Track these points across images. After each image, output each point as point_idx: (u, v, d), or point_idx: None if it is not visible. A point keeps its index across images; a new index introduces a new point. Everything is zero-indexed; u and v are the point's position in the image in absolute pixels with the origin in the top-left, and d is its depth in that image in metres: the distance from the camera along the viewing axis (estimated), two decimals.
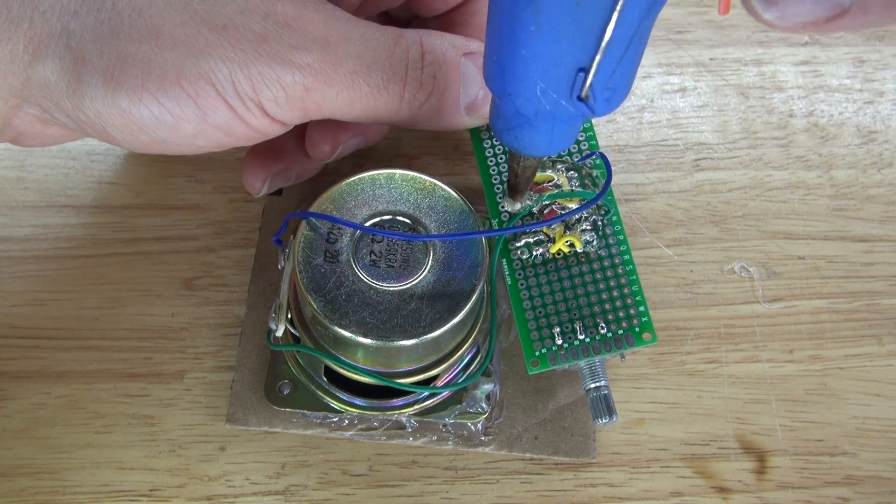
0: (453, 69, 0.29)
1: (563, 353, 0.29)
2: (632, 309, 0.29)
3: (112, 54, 0.25)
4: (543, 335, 0.29)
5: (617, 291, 0.30)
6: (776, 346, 0.33)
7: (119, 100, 0.25)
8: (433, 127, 0.30)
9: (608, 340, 0.29)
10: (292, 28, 0.26)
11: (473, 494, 0.30)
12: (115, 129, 0.26)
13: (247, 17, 0.26)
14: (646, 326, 0.29)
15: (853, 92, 0.39)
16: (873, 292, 0.34)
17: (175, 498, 0.30)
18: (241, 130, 0.27)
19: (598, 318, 0.29)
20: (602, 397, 0.29)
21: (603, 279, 0.30)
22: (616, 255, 0.30)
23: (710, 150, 0.37)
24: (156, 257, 0.34)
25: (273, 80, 0.26)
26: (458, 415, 0.31)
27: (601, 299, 0.30)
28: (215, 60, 0.25)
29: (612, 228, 0.30)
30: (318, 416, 0.31)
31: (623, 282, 0.30)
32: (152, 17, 0.25)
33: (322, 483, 0.30)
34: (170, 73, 0.25)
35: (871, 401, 0.32)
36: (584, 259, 0.30)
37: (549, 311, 0.30)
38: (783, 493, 0.30)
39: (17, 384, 0.32)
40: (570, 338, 0.29)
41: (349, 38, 0.27)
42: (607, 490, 0.30)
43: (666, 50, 0.40)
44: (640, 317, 0.29)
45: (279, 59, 0.26)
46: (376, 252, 0.29)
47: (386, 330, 0.27)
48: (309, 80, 0.26)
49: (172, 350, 0.33)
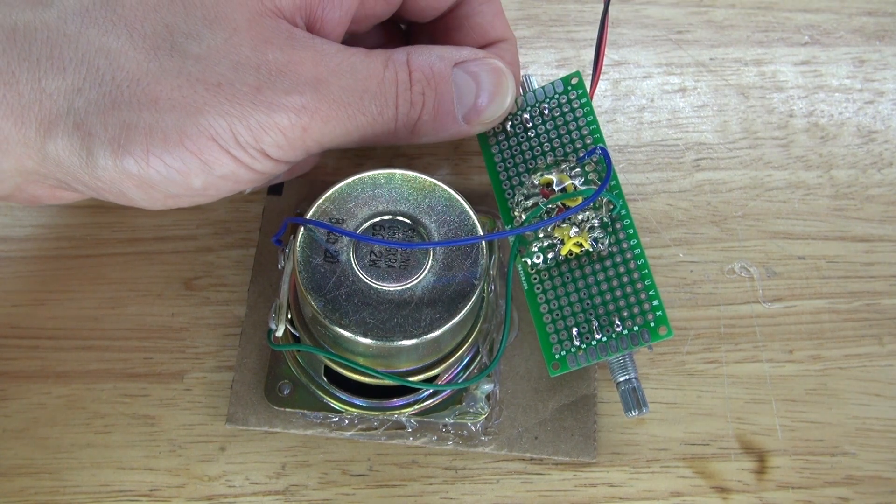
0: (443, 82, 0.29)
1: (582, 354, 0.29)
2: (646, 304, 0.29)
3: (116, 125, 0.26)
4: (562, 337, 0.30)
5: (630, 287, 0.29)
6: (776, 346, 0.33)
7: (128, 166, 0.26)
8: (436, 139, 0.31)
9: (624, 338, 0.29)
10: (284, 73, 0.27)
11: (473, 494, 0.30)
12: (130, 190, 0.27)
13: (240, 71, 0.27)
14: (661, 321, 0.29)
15: (853, 92, 0.39)
16: (873, 292, 0.34)
17: (175, 498, 0.30)
18: (247, 176, 0.28)
19: (613, 317, 0.29)
20: (631, 390, 0.29)
21: (616, 276, 0.30)
22: (627, 250, 0.30)
23: (710, 150, 0.37)
24: (156, 257, 0.34)
25: (271, 126, 0.27)
26: (458, 415, 0.31)
27: (615, 297, 0.29)
28: (214, 117, 0.26)
29: (622, 223, 0.30)
30: (318, 416, 0.31)
31: (635, 277, 0.29)
32: (149, 85, 0.26)
33: (322, 483, 0.30)
34: (172, 135, 0.26)
35: (871, 401, 0.32)
36: (596, 258, 0.30)
37: (565, 314, 0.30)
38: (783, 493, 0.30)
39: (17, 384, 0.32)
40: (588, 338, 0.29)
41: (339, 72, 0.28)
42: (607, 490, 0.30)
43: (666, 50, 0.40)
44: (654, 311, 0.29)
45: (274, 107, 0.27)
46: (376, 252, 0.29)
47: (386, 330, 0.27)
48: (305, 120, 0.27)
49: (172, 350, 0.33)
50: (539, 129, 0.32)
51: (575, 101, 0.32)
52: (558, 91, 0.32)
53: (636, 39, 0.40)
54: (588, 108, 0.32)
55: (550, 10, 0.41)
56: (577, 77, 0.32)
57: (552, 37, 0.40)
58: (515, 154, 0.32)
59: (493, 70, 0.30)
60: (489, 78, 0.30)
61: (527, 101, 0.32)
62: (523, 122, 0.32)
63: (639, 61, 0.39)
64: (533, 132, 0.32)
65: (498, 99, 0.30)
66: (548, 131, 0.32)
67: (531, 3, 0.41)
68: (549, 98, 0.32)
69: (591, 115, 0.32)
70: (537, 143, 0.32)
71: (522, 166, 0.32)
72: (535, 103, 0.32)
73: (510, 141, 0.32)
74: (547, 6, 0.41)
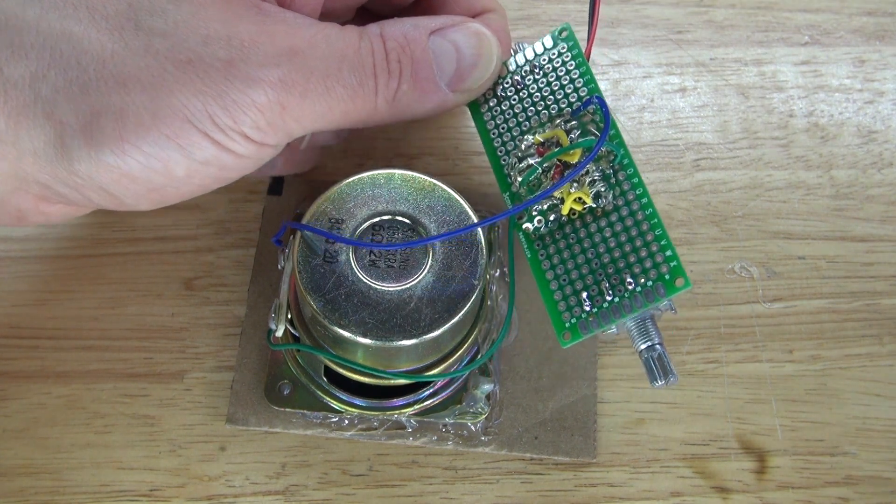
0: (419, 48, 0.28)
1: (594, 320, 0.27)
2: (658, 256, 0.26)
3: (86, 112, 0.25)
4: (571, 304, 0.27)
5: (640, 240, 0.27)
6: (776, 346, 0.33)
7: (104, 156, 0.25)
8: (423, 112, 0.29)
9: (638, 296, 0.26)
10: (256, 46, 0.26)
11: (473, 494, 0.30)
12: (111, 186, 0.26)
13: (210, 46, 0.26)
14: (676, 272, 0.26)
15: (853, 92, 0.39)
16: (873, 292, 0.34)
17: (175, 498, 0.30)
18: (231, 162, 0.27)
19: (624, 274, 0.27)
20: (656, 357, 0.26)
21: (623, 230, 0.27)
22: (633, 200, 0.27)
23: (710, 150, 0.37)
24: (156, 257, 0.34)
25: (248, 105, 0.26)
26: (458, 415, 0.31)
27: (625, 252, 0.27)
28: (186, 96, 0.25)
29: (626, 173, 0.28)
30: (318, 416, 0.31)
31: (644, 228, 0.27)
32: (116, 67, 0.25)
33: (322, 483, 0.30)
34: (145, 118, 0.25)
35: (871, 401, 0.32)
36: (601, 213, 0.28)
37: (572, 277, 0.28)
38: (783, 493, 0.30)
39: (17, 384, 0.32)
40: (599, 301, 0.27)
41: (314, 43, 0.27)
42: (607, 490, 0.30)
43: (666, 50, 0.40)
44: (668, 262, 0.26)
45: (249, 82, 0.26)
46: (376, 252, 0.29)
47: (385, 330, 0.27)
48: (283, 95, 0.26)
49: (172, 350, 0.33)
50: (531, 89, 0.30)
51: (566, 55, 0.30)
52: (548, 47, 0.30)
53: (636, 39, 0.40)
54: (580, 60, 0.30)
55: (550, 10, 0.41)
56: (567, 29, 0.30)
57: None
58: (508, 118, 0.30)
59: (473, 34, 0.29)
60: (469, 42, 0.29)
61: (516, 63, 0.31)
62: (514, 84, 0.30)
63: (639, 61, 0.39)
64: (525, 92, 0.30)
65: (482, 63, 0.29)
66: (540, 89, 0.30)
67: (531, 3, 0.41)
68: (538, 56, 0.30)
69: (584, 65, 0.30)
70: (530, 104, 0.30)
71: (517, 130, 0.30)
72: (525, 63, 0.31)
73: (502, 105, 0.30)
74: (547, 6, 0.41)
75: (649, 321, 0.27)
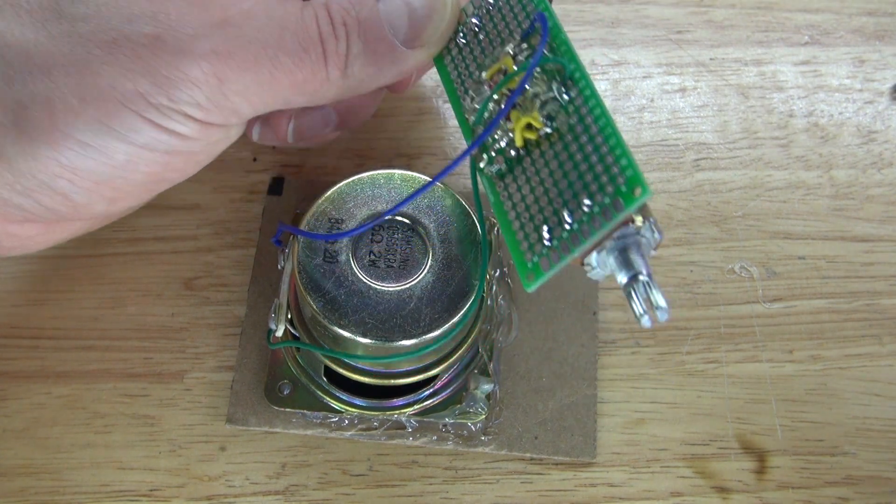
0: (365, 8, 0.27)
1: (555, 253, 0.24)
2: (614, 168, 0.23)
3: (13, 106, 0.24)
4: (532, 241, 0.25)
5: (596, 156, 0.24)
6: (776, 346, 0.33)
7: (39, 149, 0.24)
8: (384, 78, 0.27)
9: (596, 216, 0.23)
10: (186, 18, 0.25)
11: (473, 494, 0.30)
12: (56, 183, 0.25)
13: (135, 23, 0.25)
14: (633, 181, 0.23)
15: (853, 92, 0.39)
16: (873, 292, 0.34)
17: (175, 498, 0.30)
18: (178, 145, 0.26)
19: (581, 196, 0.23)
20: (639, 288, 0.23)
21: (579, 149, 0.24)
22: (586, 115, 0.24)
23: (710, 150, 0.37)
24: (156, 257, 0.34)
25: (182, 80, 0.24)
26: (458, 415, 0.31)
27: (581, 173, 0.24)
28: (114, 76, 0.24)
29: (578, 87, 0.25)
30: (318, 416, 0.31)
31: (598, 141, 0.24)
32: (41, 56, 0.24)
33: (322, 483, 0.30)
34: (73, 104, 0.24)
35: (871, 401, 0.32)
36: (557, 137, 0.25)
37: (532, 213, 0.25)
38: (783, 493, 0.30)
39: (17, 384, 0.32)
40: (558, 232, 0.24)
41: (251, 14, 0.25)
42: (607, 490, 0.30)
43: (666, 50, 0.40)
44: (623, 172, 0.23)
45: (180, 55, 0.24)
46: (375, 252, 0.29)
47: (385, 330, 0.27)
48: (219, 67, 0.24)
49: (172, 350, 0.33)
50: (488, 28, 0.28)
51: None
52: None
53: (636, 39, 0.40)
54: None
55: None
56: None
57: None
58: (470, 64, 0.28)
59: None
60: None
61: (472, 5, 0.28)
62: (472, 28, 0.28)
63: (639, 61, 0.39)
64: (483, 34, 0.28)
65: (436, 13, 0.27)
66: (496, 25, 0.28)
67: None
68: None
69: None
70: (488, 44, 0.28)
71: (478, 75, 0.28)
72: (482, 3, 0.28)
73: (463, 53, 0.28)
74: None
75: (633, 251, 0.24)
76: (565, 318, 0.33)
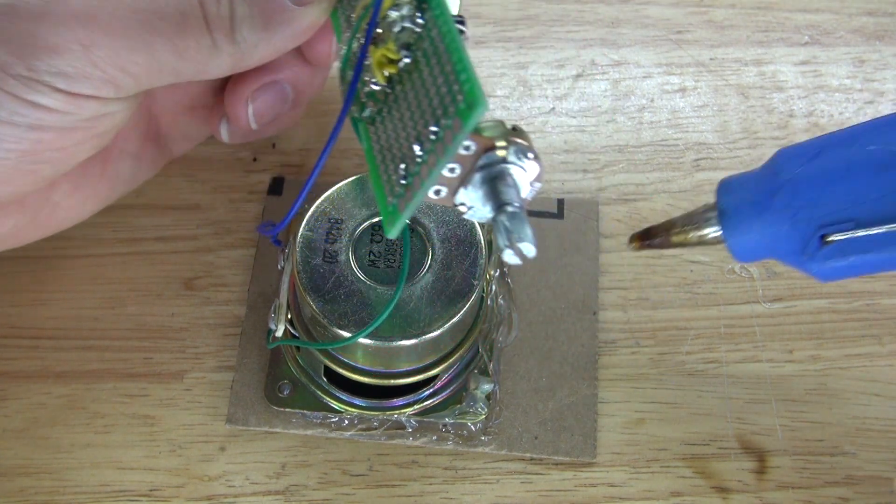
0: None
1: (410, 190, 0.22)
2: (454, 86, 0.21)
3: None
4: (393, 182, 0.23)
5: (442, 78, 0.22)
6: (776, 346, 0.33)
7: None
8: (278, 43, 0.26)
9: (440, 142, 0.21)
10: None
11: (473, 494, 0.30)
12: None
13: None
14: (470, 95, 0.21)
15: (853, 92, 0.39)
16: (873, 292, 0.34)
17: (175, 498, 0.30)
18: (47, 118, 0.24)
19: (430, 123, 0.22)
20: (505, 218, 0.21)
21: (430, 74, 0.22)
22: (436, 36, 0.23)
23: (711, 150, 0.37)
24: (156, 257, 0.34)
25: (41, 48, 0.23)
26: (458, 415, 0.31)
27: (431, 99, 0.22)
28: None
29: (432, 10, 0.23)
30: (318, 416, 0.31)
31: (444, 61, 0.22)
32: None
33: (322, 483, 0.30)
34: None
35: (871, 401, 0.32)
36: (414, 66, 0.23)
37: (394, 153, 0.23)
38: (783, 493, 0.30)
39: (17, 384, 0.32)
40: (413, 166, 0.22)
41: None
42: (607, 490, 0.30)
43: (666, 50, 0.40)
44: (462, 88, 0.21)
45: (35, 21, 0.23)
46: (375, 252, 0.29)
47: (385, 330, 0.27)
48: (80, 33, 0.23)
49: (172, 350, 0.33)
50: None
51: None
52: None
53: (636, 39, 0.40)
54: None
55: (550, 10, 0.41)
56: None
57: (552, 37, 0.40)
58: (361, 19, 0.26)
59: None
60: None
61: None
62: None
63: (639, 61, 0.39)
64: None
65: None
66: None
67: (531, 3, 0.41)
68: None
69: None
70: None
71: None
72: None
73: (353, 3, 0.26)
74: (547, 6, 0.41)
75: (502, 181, 0.22)
76: (565, 318, 0.33)
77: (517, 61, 0.39)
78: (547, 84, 0.39)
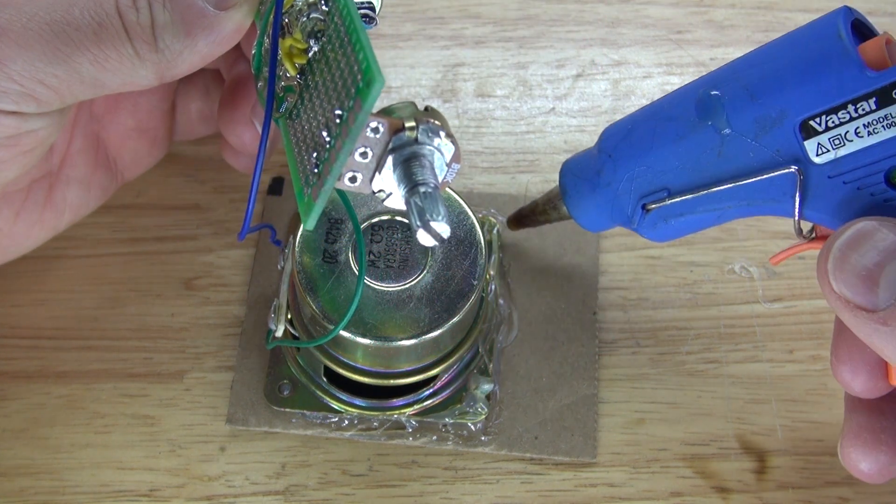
0: None
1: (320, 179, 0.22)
2: (355, 66, 0.21)
3: None
4: (308, 173, 0.23)
5: (345, 61, 0.22)
6: (776, 346, 0.33)
7: None
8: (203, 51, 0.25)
9: (345, 124, 0.22)
10: None
11: (473, 494, 0.30)
12: None
13: None
14: (367, 73, 0.21)
15: None
16: None
17: (175, 498, 0.30)
18: None
19: (335, 108, 0.22)
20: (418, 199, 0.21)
21: (335, 60, 0.22)
22: (338, 22, 0.23)
23: None
24: (156, 257, 0.34)
25: None
26: (458, 415, 0.31)
27: (335, 83, 0.22)
28: None
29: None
30: (318, 416, 0.31)
31: (345, 44, 0.22)
32: None
33: (322, 483, 0.30)
34: None
35: None
36: (322, 54, 0.23)
37: (307, 143, 0.23)
38: (783, 493, 0.30)
39: (17, 384, 0.32)
40: (323, 153, 0.22)
41: None
42: (607, 490, 0.30)
43: (666, 50, 0.40)
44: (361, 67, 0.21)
45: None
46: (375, 252, 0.29)
47: (385, 330, 0.27)
48: None
49: (172, 350, 0.33)
50: None
51: None
52: None
53: (636, 39, 0.40)
54: None
55: (550, 10, 0.41)
56: None
57: (552, 37, 0.40)
58: None
59: None
60: None
61: None
62: None
63: (639, 61, 0.39)
64: None
65: None
66: None
67: (531, 3, 0.41)
68: None
69: None
70: None
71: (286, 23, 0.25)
72: None
73: None
74: (547, 6, 0.41)
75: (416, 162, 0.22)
76: (565, 318, 0.33)
77: (517, 61, 0.39)
78: (547, 84, 0.39)
